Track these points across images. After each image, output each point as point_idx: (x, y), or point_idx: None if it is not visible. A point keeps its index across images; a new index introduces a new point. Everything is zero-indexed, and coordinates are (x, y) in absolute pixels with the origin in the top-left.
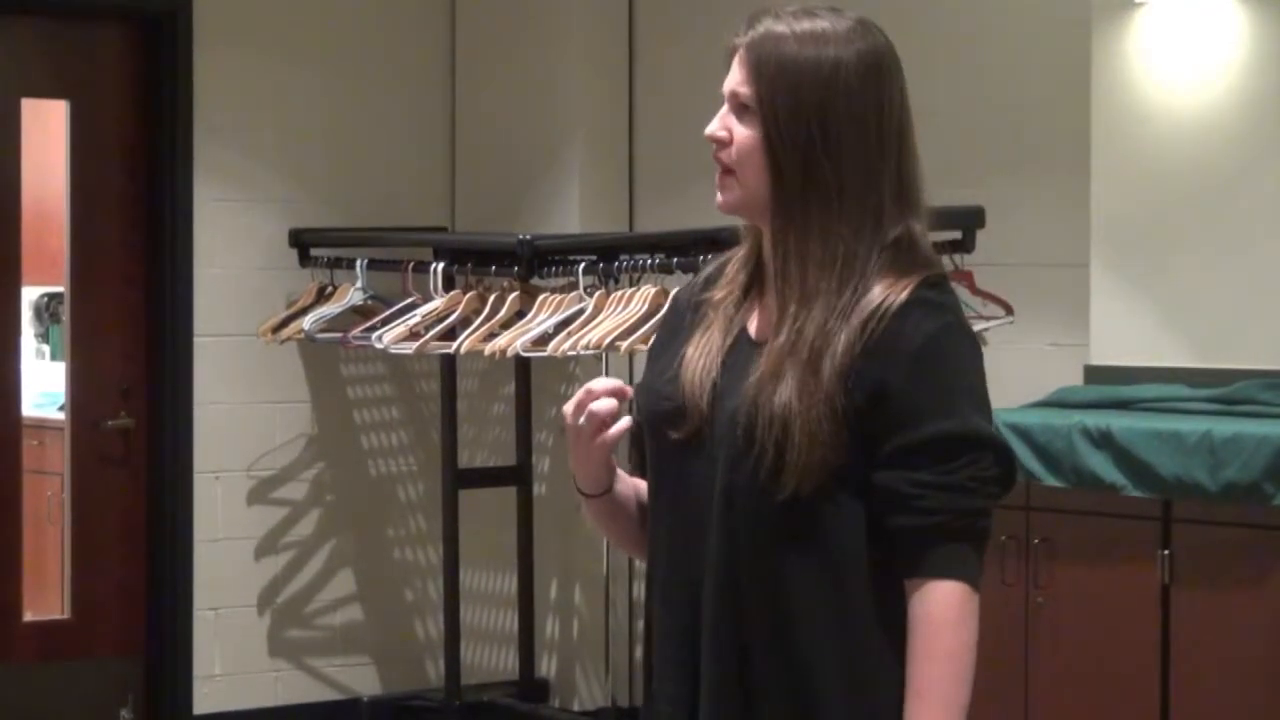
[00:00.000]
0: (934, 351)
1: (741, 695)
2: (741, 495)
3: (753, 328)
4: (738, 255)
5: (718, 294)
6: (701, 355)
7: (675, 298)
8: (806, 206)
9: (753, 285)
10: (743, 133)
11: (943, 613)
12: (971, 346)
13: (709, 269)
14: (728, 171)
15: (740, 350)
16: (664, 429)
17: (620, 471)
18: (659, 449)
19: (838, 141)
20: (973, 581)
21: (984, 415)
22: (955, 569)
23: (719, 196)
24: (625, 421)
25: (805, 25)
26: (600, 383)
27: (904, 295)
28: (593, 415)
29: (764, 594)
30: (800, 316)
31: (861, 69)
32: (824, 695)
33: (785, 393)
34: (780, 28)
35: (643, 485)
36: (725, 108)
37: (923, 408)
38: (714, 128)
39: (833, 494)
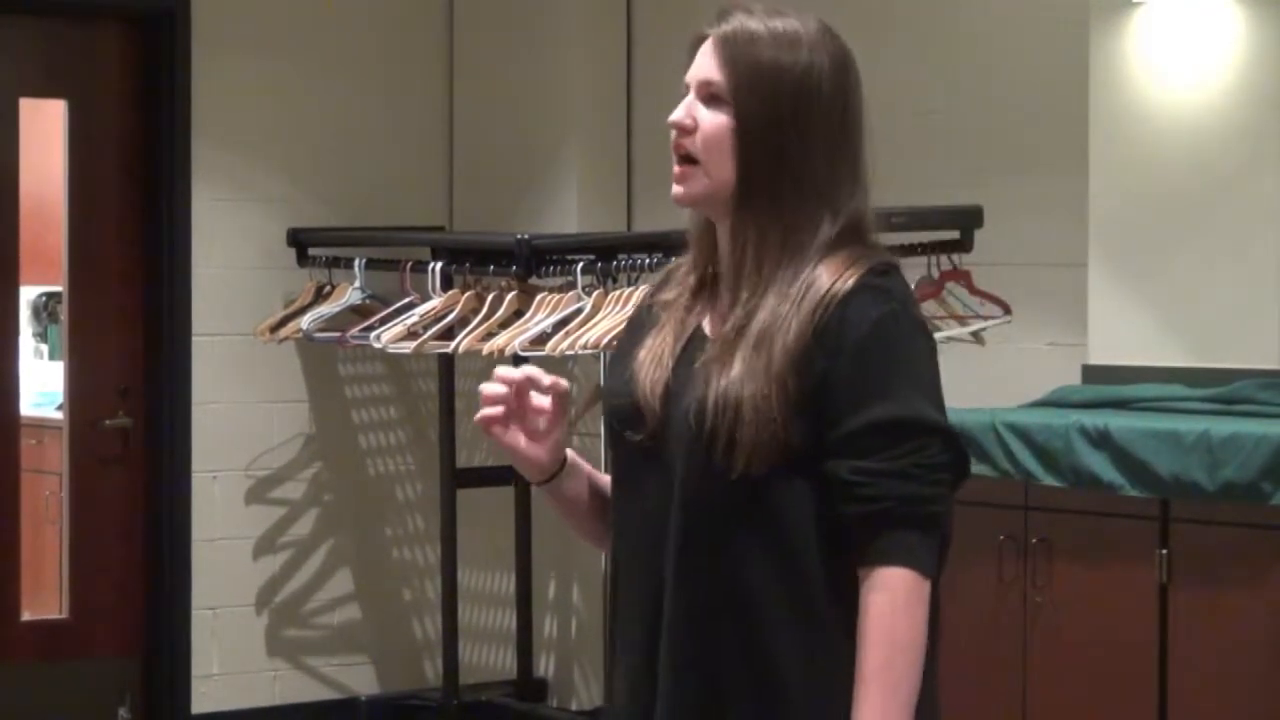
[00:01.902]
0: (876, 337)
1: (701, 678)
2: (696, 477)
3: (708, 327)
4: (687, 258)
5: (668, 295)
6: (653, 357)
7: (638, 304)
8: (772, 198)
9: (703, 287)
10: (712, 121)
11: (889, 599)
12: (918, 334)
13: (661, 273)
14: (688, 160)
15: (694, 350)
16: (622, 431)
17: (580, 465)
18: (619, 451)
19: (809, 139)
20: (921, 568)
21: (930, 402)
22: (902, 556)
23: (677, 189)
24: (488, 410)
25: (778, 24)
26: (501, 370)
27: (850, 282)
28: (483, 399)
29: (721, 577)
30: (752, 303)
31: (832, 72)
32: (783, 676)
33: (735, 374)
34: (754, 24)
35: (606, 481)
36: (691, 96)
37: (864, 394)
38: (679, 114)
39: (786, 477)
